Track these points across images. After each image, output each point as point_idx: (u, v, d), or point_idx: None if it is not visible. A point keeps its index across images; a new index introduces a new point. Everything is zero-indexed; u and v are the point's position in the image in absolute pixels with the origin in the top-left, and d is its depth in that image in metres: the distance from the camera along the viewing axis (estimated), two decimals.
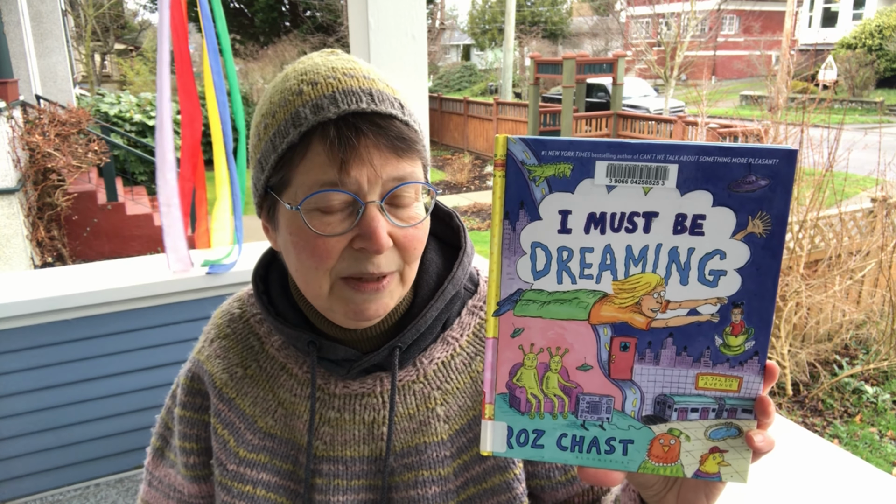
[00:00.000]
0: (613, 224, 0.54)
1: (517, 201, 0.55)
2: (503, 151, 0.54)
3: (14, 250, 6.22)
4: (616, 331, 0.56)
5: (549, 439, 0.59)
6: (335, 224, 0.73)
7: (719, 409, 0.58)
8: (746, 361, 0.56)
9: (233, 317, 0.96)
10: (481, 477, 0.86)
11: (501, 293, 0.57)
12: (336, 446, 0.86)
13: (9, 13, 9.57)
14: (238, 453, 0.89)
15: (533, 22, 33.83)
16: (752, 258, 0.54)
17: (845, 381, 4.72)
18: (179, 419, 0.96)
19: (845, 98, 19.44)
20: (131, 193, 8.95)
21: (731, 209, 0.53)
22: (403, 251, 0.77)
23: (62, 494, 2.78)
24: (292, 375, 0.89)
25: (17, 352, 2.58)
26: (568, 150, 0.53)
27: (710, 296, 0.55)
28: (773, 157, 0.51)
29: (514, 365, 0.58)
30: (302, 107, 0.73)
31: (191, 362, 0.97)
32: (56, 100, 9.75)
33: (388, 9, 2.08)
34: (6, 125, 6.63)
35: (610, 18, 33.60)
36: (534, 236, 0.55)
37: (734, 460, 0.59)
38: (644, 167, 0.53)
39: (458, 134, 18.23)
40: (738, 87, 27.30)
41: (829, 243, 5.01)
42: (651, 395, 0.58)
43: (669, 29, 19.29)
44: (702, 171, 0.52)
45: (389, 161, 0.73)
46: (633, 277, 0.55)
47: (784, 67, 7.79)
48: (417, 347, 0.86)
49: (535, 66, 14.46)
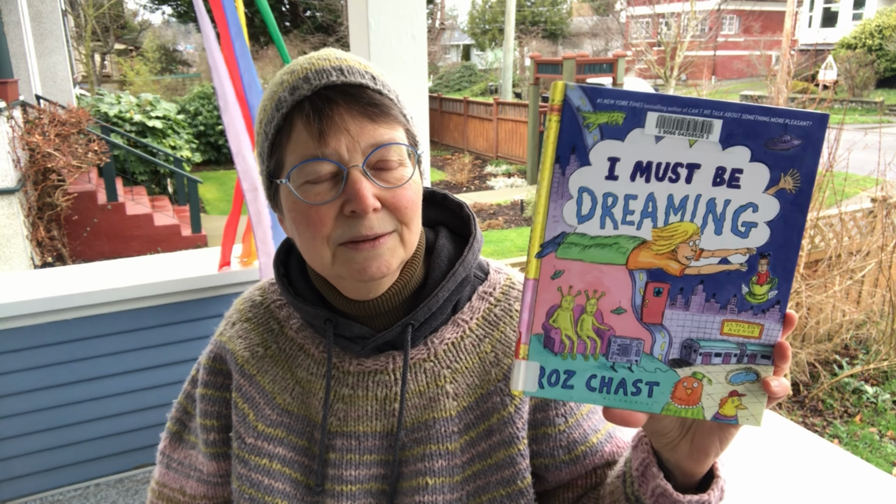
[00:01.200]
0: (658, 173, 0.57)
1: (569, 146, 0.57)
2: (561, 97, 0.56)
3: (14, 250, 6.22)
4: (651, 276, 0.59)
5: (579, 380, 0.61)
6: (324, 193, 0.78)
7: (741, 355, 0.61)
8: (769, 310, 0.60)
9: (254, 303, 1.01)
10: (486, 453, 0.89)
11: (546, 235, 0.59)
12: (349, 422, 0.89)
13: (9, 13, 9.57)
14: (257, 427, 0.93)
15: (533, 22, 33.84)
16: (782, 212, 0.57)
17: (845, 381, 4.72)
18: (201, 397, 1.00)
19: (845, 98, 19.44)
20: (131, 193, 8.95)
21: (767, 165, 0.56)
22: (395, 211, 0.80)
23: (62, 494, 2.78)
24: (309, 355, 0.93)
25: (17, 352, 2.58)
26: (622, 99, 0.55)
27: (741, 246, 0.58)
28: (808, 120, 0.56)
29: (551, 306, 0.60)
30: (282, 92, 0.80)
31: (213, 344, 1.02)
32: (56, 100, 9.75)
33: (388, 9, 2.08)
34: (6, 125, 6.63)
35: (610, 18, 33.61)
36: (582, 181, 0.57)
37: (751, 404, 0.62)
38: (692, 120, 0.56)
39: (458, 134, 18.22)
40: (738, 87, 27.30)
41: (829, 243, 5.01)
42: (679, 339, 0.60)
43: (669, 29, 19.29)
44: (743, 128, 0.56)
45: (365, 127, 0.78)
46: (671, 225, 0.58)
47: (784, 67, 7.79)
48: (429, 327, 0.89)
49: (535, 66, 14.45)
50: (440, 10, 30.79)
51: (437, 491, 0.87)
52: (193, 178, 8.94)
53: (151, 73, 22.50)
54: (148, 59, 23.66)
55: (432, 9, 29.04)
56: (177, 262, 2.93)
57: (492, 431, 0.89)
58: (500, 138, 16.29)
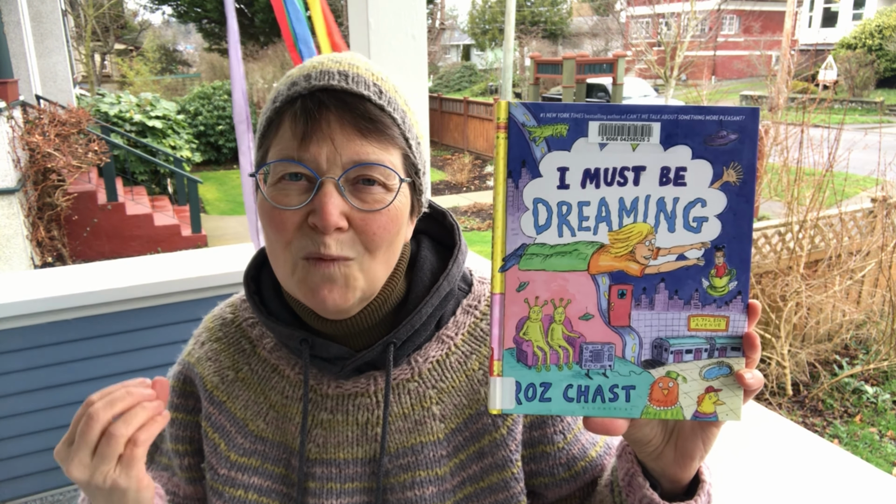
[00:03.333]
0: (607, 178, 0.59)
1: (519, 160, 0.59)
2: (505, 115, 0.58)
3: (14, 250, 6.22)
4: (613, 279, 0.60)
5: (556, 391, 0.62)
6: (293, 197, 0.73)
7: (710, 349, 0.62)
8: (731, 301, 0.61)
9: (224, 321, 0.95)
10: (478, 476, 0.85)
11: (507, 248, 0.60)
12: (329, 448, 0.84)
13: (9, 13, 9.57)
14: (229, 457, 0.87)
15: (533, 22, 33.84)
16: (729, 204, 0.59)
17: (845, 381, 4.72)
18: (171, 422, 0.94)
19: (845, 98, 19.43)
20: (131, 193, 8.95)
21: (708, 161, 0.59)
22: (361, 235, 0.74)
23: (62, 494, 2.78)
24: (284, 377, 0.87)
25: (17, 352, 2.58)
26: (563, 112, 0.58)
27: (695, 241, 0.60)
28: (740, 115, 0.58)
29: (520, 319, 0.61)
30: (282, 85, 0.77)
31: (180, 365, 0.96)
32: (56, 100, 9.75)
33: (388, 9, 2.08)
34: (6, 125, 6.63)
35: (610, 18, 33.61)
36: (535, 192, 0.59)
37: (728, 398, 0.62)
38: (631, 125, 0.58)
39: (458, 134, 18.23)
40: (738, 87, 27.30)
41: (829, 243, 5.01)
42: (648, 339, 0.61)
43: (669, 29, 19.29)
44: (681, 128, 0.58)
45: (352, 140, 0.72)
46: (626, 227, 0.60)
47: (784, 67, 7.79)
48: (412, 345, 0.84)
49: (535, 66, 14.45)
50: (440, 10, 30.79)
51: None
52: (193, 178, 8.94)
53: (151, 73, 22.51)
54: (148, 59, 23.66)
55: (432, 9, 29.04)
56: (177, 262, 2.93)
57: (483, 454, 0.84)
58: None
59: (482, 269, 0.99)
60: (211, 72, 24.43)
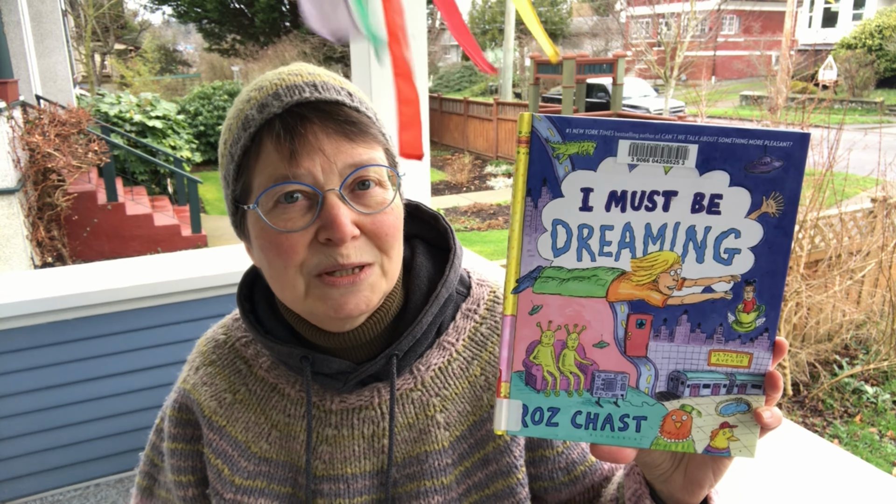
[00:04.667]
0: (634, 202, 0.55)
1: (540, 178, 0.55)
2: (528, 129, 0.54)
3: (14, 250, 6.22)
4: (633, 308, 0.57)
5: (564, 417, 0.60)
6: (296, 218, 0.72)
7: (730, 385, 0.59)
8: (757, 338, 0.58)
9: (217, 343, 0.93)
10: (484, 483, 0.84)
11: (521, 270, 0.57)
12: (336, 464, 0.83)
13: (9, 13, 9.56)
14: (234, 482, 0.86)
15: None
16: (766, 237, 0.55)
17: (845, 381, 4.72)
18: (171, 453, 0.93)
19: (845, 98, 19.43)
20: (131, 193, 8.95)
21: (747, 189, 0.54)
22: (376, 239, 0.74)
23: (62, 494, 2.78)
24: (285, 395, 0.86)
25: (17, 352, 2.58)
26: (592, 128, 0.54)
27: (725, 273, 0.56)
28: (788, 140, 0.53)
29: (531, 342, 0.58)
30: (250, 110, 0.73)
31: (176, 392, 0.94)
32: (56, 100, 9.75)
33: None
34: (6, 125, 6.63)
35: (610, 18, 33.60)
36: (555, 213, 0.55)
37: (743, 435, 0.60)
38: (665, 146, 0.54)
39: (458, 134, 18.22)
40: (738, 87, 27.30)
41: (829, 243, 5.01)
42: (665, 371, 0.59)
43: (669, 29, 19.29)
44: (720, 152, 0.54)
45: (342, 147, 0.72)
46: (651, 255, 0.56)
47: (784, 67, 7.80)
48: (413, 354, 0.83)
49: (535, 66, 14.45)
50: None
51: None
52: (193, 178, 8.95)
53: (151, 73, 22.50)
54: (147, 60, 23.66)
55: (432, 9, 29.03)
56: (177, 262, 2.93)
57: (488, 461, 0.84)
58: (500, 138, 16.29)
59: (481, 269, 0.98)
60: (211, 72, 24.45)
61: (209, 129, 14.79)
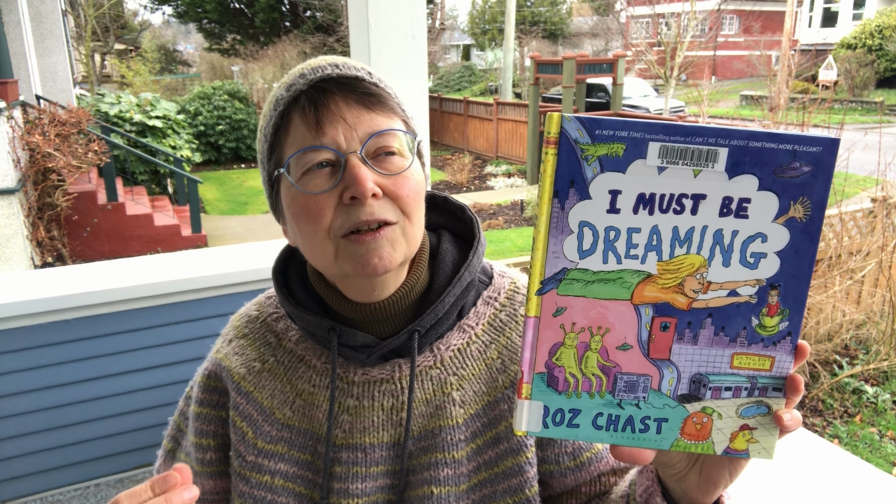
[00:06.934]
0: (662, 205, 0.55)
1: (568, 180, 0.54)
2: (557, 129, 0.54)
3: (14, 250, 6.22)
4: (657, 311, 0.57)
5: (585, 419, 0.60)
6: (322, 182, 0.77)
7: (751, 388, 0.59)
8: (780, 341, 0.58)
9: (250, 318, 0.99)
10: (494, 461, 0.88)
11: (546, 272, 0.57)
12: (355, 434, 0.87)
13: (9, 13, 9.57)
14: (256, 444, 0.91)
15: (533, 22, 33.84)
16: (792, 242, 0.55)
17: (845, 381, 4.72)
18: (195, 416, 0.98)
19: (845, 98, 19.43)
20: (131, 193, 8.96)
21: (775, 193, 0.54)
22: (396, 200, 0.78)
23: (62, 494, 2.78)
24: (311, 367, 0.91)
25: (17, 352, 2.58)
26: (622, 130, 0.53)
27: (750, 277, 0.56)
28: (817, 145, 0.54)
29: (554, 344, 0.58)
30: (279, 91, 0.82)
31: (209, 361, 1.00)
32: (56, 100, 9.75)
33: (388, 9, 2.08)
34: (6, 125, 6.63)
35: (610, 18, 33.61)
36: (582, 215, 0.55)
37: (762, 437, 0.60)
38: (696, 150, 0.54)
39: (459, 134, 18.22)
40: (738, 87, 27.31)
41: (829, 243, 5.01)
42: (687, 374, 0.59)
43: (669, 29, 19.29)
44: (750, 156, 0.54)
45: (362, 116, 0.78)
46: (677, 258, 0.56)
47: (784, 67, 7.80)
48: (435, 333, 0.88)
49: (535, 66, 14.44)
50: (440, 10, 30.77)
51: (442, 500, 0.85)
52: (193, 178, 8.95)
53: (151, 73, 22.51)
54: (147, 60, 23.67)
55: (432, 9, 29.02)
56: (177, 262, 2.93)
57: (499, 439, 0.87)
58: (500, 138, 16.29)
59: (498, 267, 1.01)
60: (211, 72, 24.43)
61: (209, 129, 14.79)
